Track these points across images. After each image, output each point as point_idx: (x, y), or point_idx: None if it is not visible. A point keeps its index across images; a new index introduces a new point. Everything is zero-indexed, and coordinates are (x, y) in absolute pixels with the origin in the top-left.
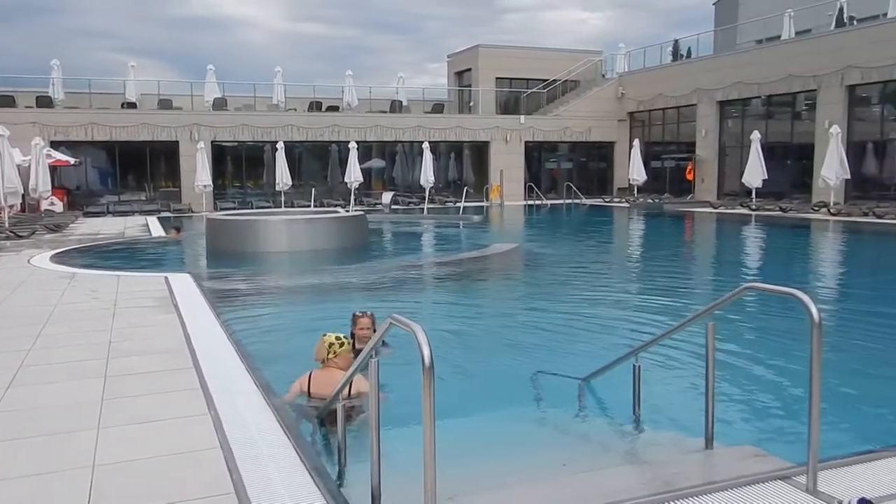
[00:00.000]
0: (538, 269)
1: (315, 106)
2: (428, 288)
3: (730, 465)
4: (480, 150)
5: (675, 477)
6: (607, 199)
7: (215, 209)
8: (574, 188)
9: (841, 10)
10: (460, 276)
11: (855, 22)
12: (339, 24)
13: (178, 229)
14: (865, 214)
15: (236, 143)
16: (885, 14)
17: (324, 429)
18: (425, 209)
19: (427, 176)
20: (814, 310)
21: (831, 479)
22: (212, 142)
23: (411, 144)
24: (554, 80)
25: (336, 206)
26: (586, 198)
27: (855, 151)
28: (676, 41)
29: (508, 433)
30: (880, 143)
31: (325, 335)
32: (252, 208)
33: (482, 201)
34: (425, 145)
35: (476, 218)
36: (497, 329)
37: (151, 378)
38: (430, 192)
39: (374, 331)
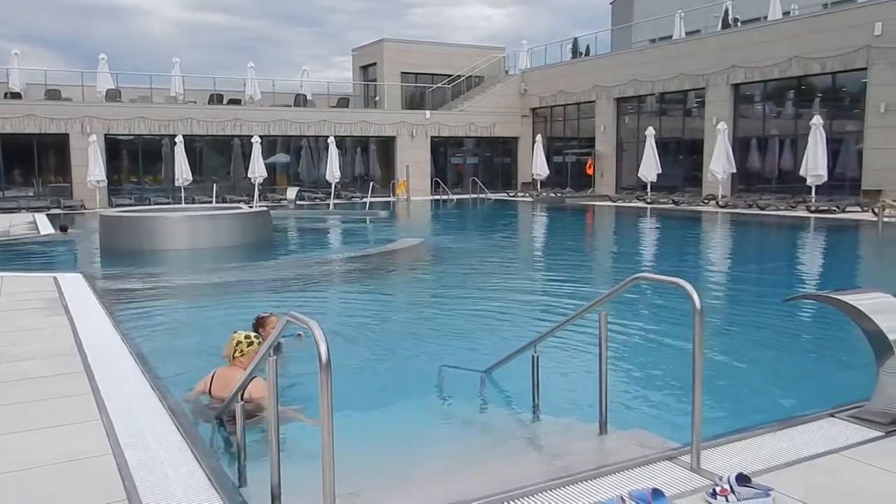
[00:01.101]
0: (444, 263)
1: (216, 99)
2: (334, 284)
3: (622, 448)
4: (386, 145)
5: (571, 462)
6: (512, 194)
7: (110, 206)
8: (479, 183)
9: (726, 12)
10: (366, 271)
11: (739, 24)
12: (241, 14)
13: (64, 228)
14: (750, 206)
15: (132, 137)
16: (766, 17)
17: (223, 429)
18: (331, 205)
19: (333, 171)
20: (696, 297)
21: (714, 457)
22: (105, 135)
23: (316, 139)
24: (459, 75)
25: (239, 202)
26: (491, 192)
27: (740, 147)
28: (576, 39)
29: (414, 427)
30: (763, 139)
31: (235, 332)
32: (150, 205)
33: (389, 196)
34: (331, 140)
35: (382, 213)
36: (403, 324)
37: (40, 384)
38: (336, 187)
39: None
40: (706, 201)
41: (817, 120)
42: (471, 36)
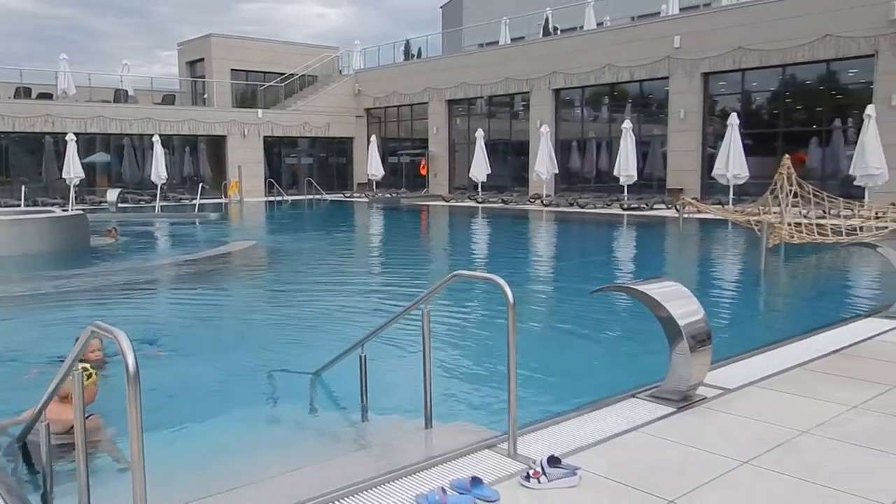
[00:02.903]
0: (276, 265)
1: (23, 92)
2: (160, 291)
3: (446, 440)
4: (217, 145)
5: (398, 457)
6: (347, 195)
7: None
8: (315, 184)
9: (547, 20)
10: (194, 276)
11: (559, 32)
12: (51, 1)
13: None
14: (571, 205)
15: None
16: (582, 26)
17: (28, 455)
18: (157, 207)
19: (159, 171)
20: (508, 292)
21: (530, 442)
22: None
23: (140, 137)
24: (292, 74)
25: (53, 204)
26: (327, 193)
27: (562, 148)
28: (408, 41)
29: (243, 434)
30: (582, 142)
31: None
32: None
33: (220, 198)
34: (156, 139)
35: (213, 215)
36: (233, 329)
37: None
38: (162, 188)
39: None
40: (532, 200)
41: (627, 124)
42: (304, 34)
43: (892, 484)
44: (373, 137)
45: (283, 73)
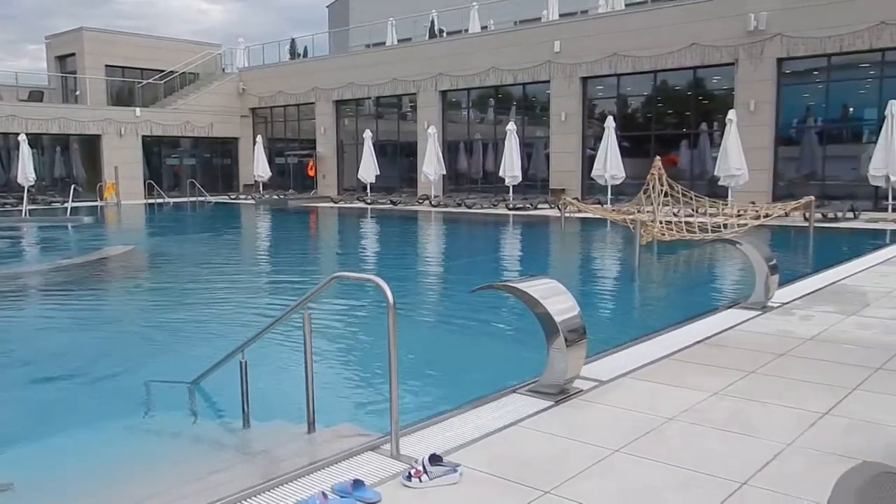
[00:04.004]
0: (154, 271)
1: None
2: (25, 301)
3: (329, 444)
4: (91, 145)
5: (281, 463)
6: (233, 197)
7: None
8: (198, 185)
9: (432, 22)
10: (65, 283)
11: (444, 34)
12: None
13: None
14: (459, 205)
15: None
16: (467, 29)
17: None
18: (25, 211)
19: (26, 173)
20: (388, 293)
21: (413, 442)
22: None
23: (5, 136)
24: (172, 71)
25: None
26: (211, 195)
27: (450, 149)
28: (293, 40)
29: (119, 448)
30: (469, 143)
31: None
32: None
33: (95, 201)
34: (22, 138)
35: (87, 219)
36: (106, 339)
37: None
38: (30, 191)
39: None
40: (421, 201)
41: (512, 126)
42: (185, 30)
43: (746, 464)
44: (259, 138)
45: (162, 71)
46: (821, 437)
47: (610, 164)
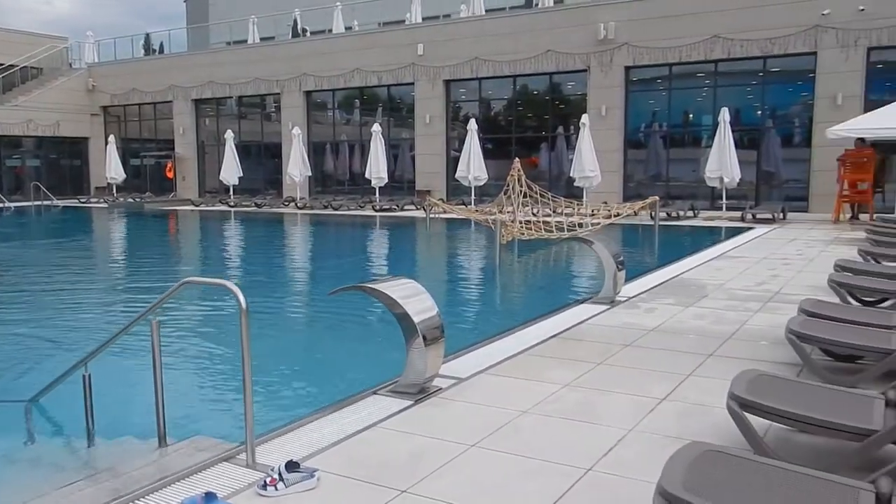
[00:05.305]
0: None
1: None
2: None
3: (182, 457)
4: None
5: (128, 481)
6: (84, 200)
7: None
8: (43, 188)
9: (295, 21)
10: None
11: (308, 34)
12: None
13: None
14: (325, 207)
15: None
16: (331, 30)
17: None
18: None
19: None
20: (241, 297)
21: (270, 450)
22: None
23: None
24: (11, 65)
25: None
26: (59, 198)
27: (316, 151)
28: (148, 35)
29: None
30: (335, 144)
31: None
32: None
33: None
34: None
35: None
36: None
37: None
38: None
39: None
40: (287, 203)
41: (377, 127)
42: (28, 21)
43: (591, 451)
44: (111, 137)
45: (1, 64)
46: (659, 422)
47: (473, 166)
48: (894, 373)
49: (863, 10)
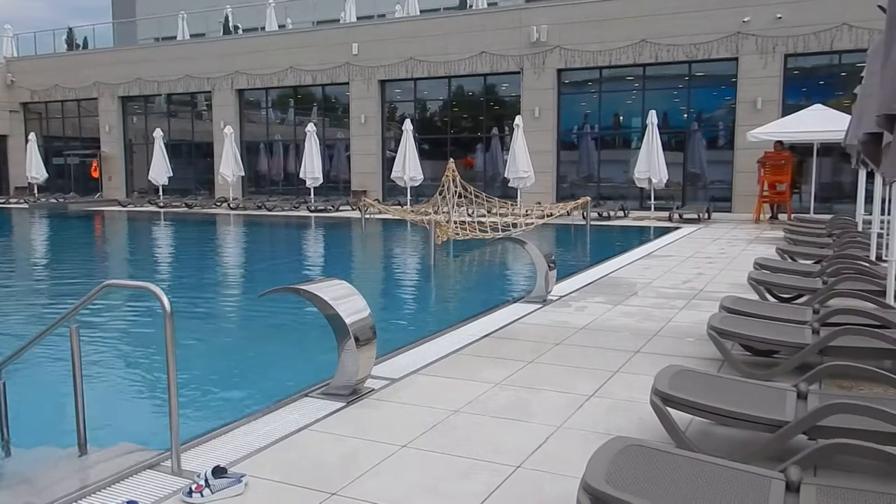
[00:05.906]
0: None
1: None
2: None
3: (104, 465)
4: None
5: (47, 490)
6: (2, 201)
7: None
8: None
9: (227, 18)
10: None
11: (240, 31)
12: None
13: None
14: (259, 207)
15: None
16: (264, 28)
17: None
18: None
19: None
20: (165, 300)
21: (197, 456)
22: None
23: None
24: None
25: None
26: None
27: (249, 150)
28: (71, 29)
29: None
30: (269, 144)
31: None
32: None
33: None
34: None
35: None
36: None
37: None
38: None
39: None
40: (219, 204)
41: (311, 127)
42: None
43: (521, 448)
44: (32, 135)
45: None
46: (587, 418)
47: (409, 167)
48: (807, 366)
49: (780, 17)
